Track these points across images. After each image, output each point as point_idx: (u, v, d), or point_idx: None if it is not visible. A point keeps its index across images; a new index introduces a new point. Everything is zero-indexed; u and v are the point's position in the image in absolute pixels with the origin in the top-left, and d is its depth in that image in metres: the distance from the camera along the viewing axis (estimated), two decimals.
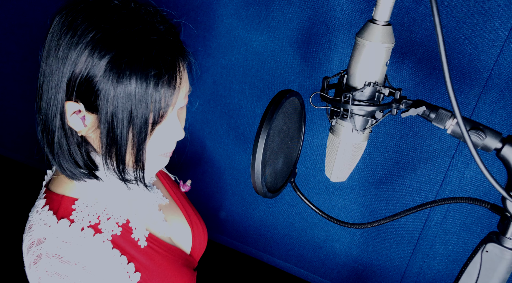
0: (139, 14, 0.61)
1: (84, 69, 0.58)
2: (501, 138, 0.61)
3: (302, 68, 1.28)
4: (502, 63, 1.03)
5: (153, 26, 0.61)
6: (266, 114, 0.66)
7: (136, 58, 0.58)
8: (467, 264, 0.66)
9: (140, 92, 0.59)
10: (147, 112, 0.60)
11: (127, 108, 0.59)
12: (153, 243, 0.77)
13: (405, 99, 0.68)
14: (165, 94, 0.61)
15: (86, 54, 0.58)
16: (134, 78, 0.58)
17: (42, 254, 0.65)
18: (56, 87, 0.61)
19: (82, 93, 0.60)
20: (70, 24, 0.59)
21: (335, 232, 1.51)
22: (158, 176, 0.92)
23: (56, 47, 0.60)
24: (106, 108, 0.59)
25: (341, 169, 0.76)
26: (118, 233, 0.72)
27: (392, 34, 0.65)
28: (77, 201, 0.71)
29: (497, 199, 1.13)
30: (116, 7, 0.60)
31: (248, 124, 1.46)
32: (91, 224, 0.70)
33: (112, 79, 0.58)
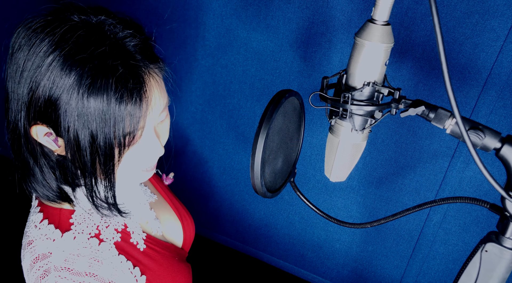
0: (102, 32, 0.57)
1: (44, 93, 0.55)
2: (500, 138, 0.61)
3: (301, 68, 1.28)
4: (501, 62, 1.03)
5: (117, 45, 0.57)
6: (265, 114, 0.66)
7: (96, 83, 0.54)
8: (467, 263, 0.66)
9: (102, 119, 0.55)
10: (111, 139, 0.57)
11: (89, 136, 0.56)
12: (151, 244, 0.77)
13: (404, 99, 0.68)
14: (130, 118, 0.57)
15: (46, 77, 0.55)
16: (94, 104, 0.54)
17: (50, 268, 0.64)
18: (18, 111, 0.58)
19: (43, 118, 0.57)
20: (29, 45, 0.56)
21: (335, 232, 1.51)
22: None
23: (17, 69, 0.57)
24: (67, 135, 0.56)
25: (341, 169, 0.76)
26: (118, 240, 0.72)
27: (391, 34, 0.65)
28: (73, 214, 0.69)
29: (497, 199, 1.13)
30: (76, 27, 0.57)
31: (248, 124, 1.46)
32: (92, 235, 0.69)
33: (72, 104, 0.54)
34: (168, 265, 0.79)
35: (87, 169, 0.59)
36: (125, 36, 0.58)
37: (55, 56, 0.54)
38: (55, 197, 0.67)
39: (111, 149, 0.58)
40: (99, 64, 0.54)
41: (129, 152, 0.62)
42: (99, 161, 0.58)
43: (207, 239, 1.80)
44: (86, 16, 0.59)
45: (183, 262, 0.85)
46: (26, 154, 0.62)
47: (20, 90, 0.57)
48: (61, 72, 0.54)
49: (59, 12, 0.59)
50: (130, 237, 0.74)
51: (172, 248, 0.83)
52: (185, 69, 1.45)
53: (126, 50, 0.58)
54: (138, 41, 0.59)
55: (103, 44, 0.56)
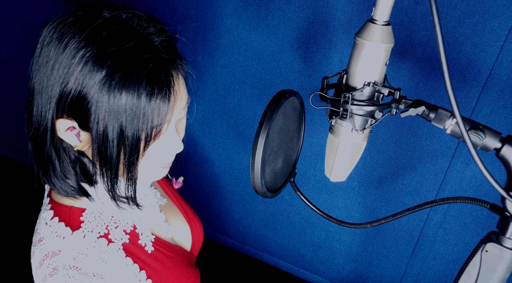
0: (131, 27, 0.59)
1: (75, 88, 0.56)
2: (500, 138, 0.61)
3: (301, 68, 1.28)
4: (502, 62, 1.03)
5: (146, 41, 0.58)
6: (265, 114, 0.66)
7: (128, 76, 0.55)
8: (467, 264, 0.66)
9: (132, 111, 0.56)
10: (139, 132, 0.58)
11: (118, 128, 0.57)
12: (159, 246, 0.77)
13: (405, 99, 0.68)
14: (158, 111, 0.58)
15: (76, 72, 0.56)
16: (125, 97, 0.56)
17: (58, 266, 0.64)
18: (46, 104, 0.59)
19: (73, 111, 0.58)
20: (60, 40, 0.57)
21: (335, 232, 1.51)
22: None
23: (46, 63, 0.58)
24: (96, 128, 0.57)
25: (341, 169, 0.76)
26: (127, 241, 0.71)
27: (392, 34, 0.65)
28: (84, 212, 0.70)
29: (497, 199, 1.13)
30: (107, 22, 0.58)
31: (248, 124, 1.46)
32: (101, 235, 0.69)
33: (102, 97, 0.56)
34: (176, 268, 0.78)
35: (112, 161, 0.60)
36: (152, 32, 0.60)
37: (87, 50, 0.55)
38: (74, 192, 0.67)
39: (138, 141, 0.59)
40: (130, 58, 0.56)
41: (151, 146, 0.63)
42: (125, 153, 0.59)
43: (207, 239, 1.81)
44: (116, 12, 0.60)
45: (191, 266, 0.85)
46: (50, 148, 0.62)
47: (50, 83, 0.57)
48: (93, 65, 0.55)
49: (89, 8, 0.60)
50: (139, 238, 0.74)
51: (181, 252, 0.83)
52: None
53: (154, 45, 0.59)
54: (164, 37, 0.61)
55: (133, 39, 0.57)
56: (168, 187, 0.93)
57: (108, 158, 0.60)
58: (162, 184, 0.92)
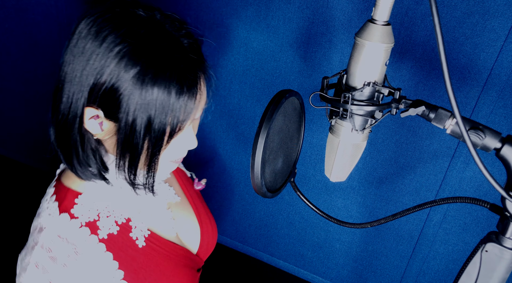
0: (164, 29, 0.62)
1: (109, 80, 0.59)
2: (500, 138, 0.61)
3: (301, 68, 1.28)
4: (502, 62, 1.03)
5: (177, 42, 0.63)
6: (265, 114, 0.66)
7: (160, 74, 0.59)
8: (467, 264, 0.66)
9: (161, 104, 0.60)
10: (165, 125, 0.62)
11: (147, 121, 0.61)
12: (153, 243, 0.77)
13: (405, 99, 0.68)
14: (185, 108, 0.62)
15: (112, 66, 0.59)
16: (156, 91, 0.60)
17: (38, 243, 0.69)
18: (78, 93, 0.62)
19: (104, 102, 0.61)
20: (97, 34, 0.60)
21: (335, 232, 1.51)
22: (173, 173, 0.93)
23: (81, 54, 0.61)
24: (126, 119, 0.61)
25: (341, 169, 0.76)
26: (114, 232, 0.73)
27: (392, 34, 0.65)
28: (80, 196, 0.72)
29: (497, 199, 1.13)
30: (143, 21, 0.62)
31: (248, 124, 1.46)
32: (90, 221, 0.71)
33: (135, 91, 0.59)
34: (167, 267, 0.78)
35: (136, 152, 0.64)
36: (182, 35, 0.64)
37: (123, 46, 0.59)
38: (93, 176, 0.70)
39: (163, 134, 0.63)
40: (163, 57, 0.60)
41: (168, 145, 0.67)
42: (149, 144, 0.63)
43: None
44: (151, 12, 0.64)
45: (189, 269, 0.84)
46: (76, 135, 0.65)
47: (84, 73, 0.60)
48: (128, 61, 0.59)
49: (126, 6, 0.63)
50: (131, 231, 0.75)
51: (181, 252, 0.83)
52: None
53: (184, 47, 0.63)
54: (193, 40, 0.65)
55: (166, 40, 0.61)
56: (187, 187, 0.94)
57: (133, 148, 0.63)
58: (180, 183, 0.93)
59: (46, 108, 0.68)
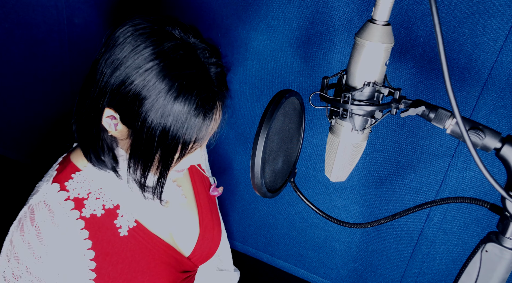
0: (195, 55, 0.66)
1: (134, 91, 0.64)
2: (500, 138, 0.61)
3: (301, 68, 1.28)
4: (502, 62, 1.03)
5: (205, 71, 0.67)
6: (265, 114, 0.66)
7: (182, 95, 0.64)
8: (467, 264, 0.66)
9: (179, 125, 0.65)
10: (177, 145, 0.67)
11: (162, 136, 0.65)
12: (137, 233, 0.80)
13: (405, 99, 0.68)
14: (199, 130, 0.67)
15: (140, 78, 0.63)
16: (175, 113, 0.64)
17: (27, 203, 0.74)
18: (103, 94, 0.66)
19: (123, 108, 0.66)
20: (134, 45, 0.64)
21: (335, 232, 1.51)
22: (188, 172, 0.96)
23: (113, 60, 0.65)
24: (141, 130, 0.65)
25: (341, 169, 0.76)
26: (98, 215, 0.76)
27: (392, 34, 0.65)
28: (78, 172, 0.77)
29: (497, 199, 1.13)
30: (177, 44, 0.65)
31: (248, 124, 1.46)
32: (78, 197, 0.75)
33: (156, 107, 0.63)
34: (145, 259, 0.80)
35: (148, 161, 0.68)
36: (211, 63, 0.68)
37: (154, 64, 0.63)
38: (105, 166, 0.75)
39: (175, 151, 0.68)
40: (188, 83, 0.64)
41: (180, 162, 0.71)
42: (160, 158, 0.68)
43: None
44: (185, 35, 0.68)
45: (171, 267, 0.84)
46: (97, 128, 0.70)
47: (113, 78, 0.65)
48: (156, 78, 0.63)
49: (163, 24, 0.67)
50: (116, 218, 0.78)
51: (165, 249, 0.83)
52: None
53: (209, 76, 0.67)
54: (219, 70, 0.69)
55: (194, 67, 0.66)
56: (199, 189, 0.96)
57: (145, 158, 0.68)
58: (193, 184, 0.95)
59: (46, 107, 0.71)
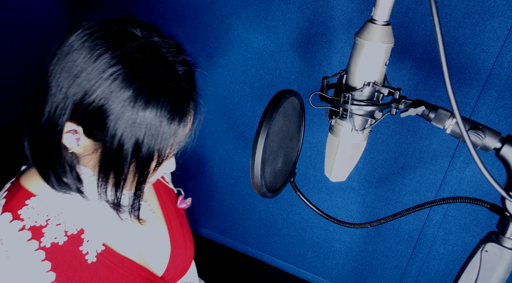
0: (161, 54, 0.61)
1: (98, 100, 0.57)
2: (500, 138, 0.61)
3: (301, 68, 1.28)
4: (501, 62, 1.03)
5: (173, 70, 0.61)
6: (265, 114, 0.66)
7: (153, 101, 0.58)
8: (467, 264, 0.66)
9: (151, 131, 0.59)
10: (153, 152, 0.60)
11: (134, 146, 0.59)
12: (106, 258, 0.72)
13: (405, 99, 0.68)
14: (175, 135, 0.61)
15: (103, 86, 0.57)
16: (147, 119, 0.58)
17: None
18: (62, 108, 0.59)
19: (87, 120, 0.59)
20: (91, 51, 0.57)
21: (335, 231, 1.51)
22: (152, 186, 0.88)
23: (70, 69, 0.58)
24: (112, 142, 0.59)
25: (341, 169, 0.76)
26: (60, 242, 0.68)
27: (392, 34, 0.65)
28: (33, 197, 0.68)
29: (497, 199, 1.12)
30: (140, 44, 0.59)
31: (248, 124, 1.46)
32: (35, 225, 0.66)
33: (124, 116, 0.57)
34: None
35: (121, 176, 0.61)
36: (179, 61, 0.62)
37: (118, 68, 0.57)
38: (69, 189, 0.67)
39: (150, 160, 0.61)
40: (157, 85, 0.58)
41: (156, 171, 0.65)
42: (135, 170, 0.61)
43: (207, 239, 1.81)
44: (148, 34, 0.61)
45: None
46: (55, 148, 0.63)
47: (72, 89, 0.58)
48: (121, 84, 0.57)
49: (122, 24, 0.60)
50: (81, 244, 0.70)
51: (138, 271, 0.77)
52: None
53: (178, 75, 0.62)
54: (187, 68, 0.64)
55: (162, 67, 0.59)
56: (166, 203, 0.88)
57: (118, 171, 0.61)
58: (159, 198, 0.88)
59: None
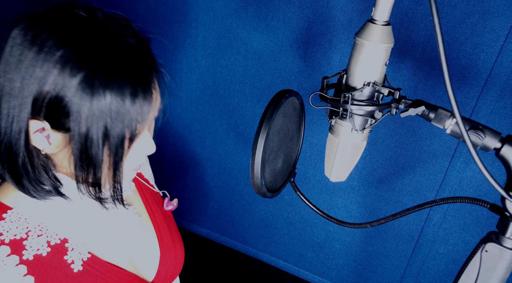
0: (109, 29, 0.57)
1: (53, 89, 0.54)
2: (500, 138, 0.61)
3: (301, 68, 1.28)
4: (501, 62, 1.03)
5: (124, 41, 0.57)
6: (265, 114, 0.66)
7: (110, 75, 0.54)
8: (467, 264, 0.66)
9: (116, 110, 0.55)
10: (123, 130, 0.57)
11: (103, 127, 0.56)
12: (92, 267, 0.70)
13: (405, 99, 0.68)
14: (141, 110, 0.58)
15: (55, 73, 0.53)
16: (109, 96, 0.54)
17: None
18: (20, 105, 0.56)
19: (50, 113, 0.56)
20: (35, 39, 0.54)
21: (335, 232, 1.51)
22: (137, 189, 0.85)
23: (18, 63, 0.55)
24: (79, 128, 0.55)
25: (341, 169, 0.76)
26: (44, 254, 0.65)
27: (392, 34, 0.65)
28: (10, 210, 0.65)
29: (497, 198, 1.12)
30: (84, 21, 0.56)
31: (248, 124, 1.46)
32: (15, 239, 0.64)
33: (84, 98, 0.54)
34: None
35: (96, 163, 0.58)
36: (129, 34, 0.59)
37: (64, 52, 0.53)
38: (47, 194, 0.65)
39: (123, 140, 0.58)
40: (111, 60, 0.55)
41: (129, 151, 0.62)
42: (109, 153, 0.58)
43: (207, 239, 1.81)
44: (93, 12, 0.58)
45: None
46: (24, 152, 0.59)
47: (25, 85, 0.55)
48: (72, 66, 0.53)
49: (65, 8, 0.58)
50: (66, 253, 0.67)
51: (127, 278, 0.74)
52: (185, 69, 1.45)
53: (132, 46, 0.58)
54: (140, 39, 0.60)
55: (112, 40, 0.56)
56: (151, 206, 0.85)
57: (92, 159, 0.58)
58: (144, 201, 0.85)
59: None
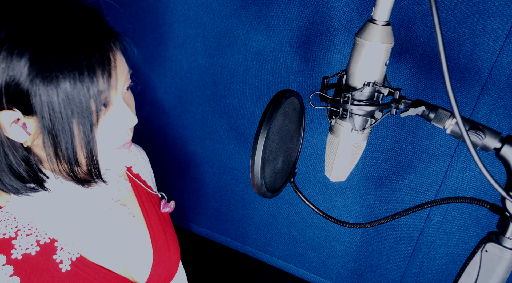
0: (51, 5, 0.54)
1: (6, 74, 0.52)
2: (500, 138, 0.61)
3: (301, 68, 1.28)
4: (501, 62, 1.03)
5: (72, 11, 0.54)
6: (265, 114, 0.66)
7: (61, 47, 0.51)
8: (467, 264, 0.66)
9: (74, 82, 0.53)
10: (87, 101, 0.54)
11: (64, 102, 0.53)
12: (80, 268, 0.69)
13: (405, 99, 0.68)
14: (102, 78, 0.55)
15: (3, 56, 0.51)
16: (64, 69, 0.52)
17: None
18: None
19: (13, 99, 0.54)
20: None
21: (335, 232, 1.51)
22: (133, 190, 0.83)
23: None
24: (41, 107, 0.53)
25: (341, 169, 0.76)
26: (32, 253, 0.65)
27: (392, 34, 0.65)
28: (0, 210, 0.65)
29: (497, 198, 1.12)
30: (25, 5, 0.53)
31: (248, 124, 1.46)
32: (4, 238, 0.63)
33: (39, 75, 0.51)
34: None
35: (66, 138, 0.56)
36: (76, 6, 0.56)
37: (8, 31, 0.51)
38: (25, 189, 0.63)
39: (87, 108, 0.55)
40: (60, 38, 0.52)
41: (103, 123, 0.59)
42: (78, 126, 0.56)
43: (207, 239, 1.81)
44: None
45: None
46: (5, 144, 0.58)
47: None
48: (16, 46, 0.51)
49: None
50: (55, 253, 0.67)
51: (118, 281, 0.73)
52: (185, 69, 1.45)
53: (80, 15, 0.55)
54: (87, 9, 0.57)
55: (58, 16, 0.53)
56: (147, 208, 0.83)
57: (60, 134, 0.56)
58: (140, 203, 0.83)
59: None
